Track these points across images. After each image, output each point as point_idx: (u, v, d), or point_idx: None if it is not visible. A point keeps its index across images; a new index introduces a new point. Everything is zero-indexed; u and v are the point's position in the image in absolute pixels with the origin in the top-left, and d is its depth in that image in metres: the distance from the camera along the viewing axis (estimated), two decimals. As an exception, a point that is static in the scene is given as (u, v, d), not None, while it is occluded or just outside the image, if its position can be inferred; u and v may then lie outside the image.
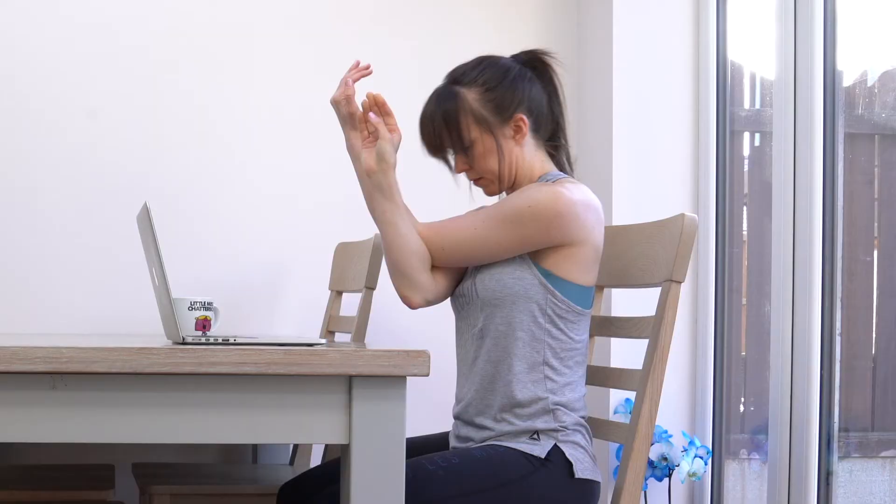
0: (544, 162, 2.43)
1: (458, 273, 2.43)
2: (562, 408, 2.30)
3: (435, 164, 2.46)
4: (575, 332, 2.34)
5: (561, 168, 2.45)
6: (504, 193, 2.47)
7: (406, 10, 3.56)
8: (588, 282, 2.34)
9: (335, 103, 2.41)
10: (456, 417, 2.42)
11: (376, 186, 2.32)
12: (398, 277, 2.36)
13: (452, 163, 2.44)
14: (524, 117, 2.38)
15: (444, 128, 2.38)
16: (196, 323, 2.36)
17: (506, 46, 2.52)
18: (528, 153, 2.41)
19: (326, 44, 3.50)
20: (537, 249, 2.31)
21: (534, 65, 2.45)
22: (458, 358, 2.44)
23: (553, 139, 2.46)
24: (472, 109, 2.37)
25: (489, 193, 2.46)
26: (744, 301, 3.28)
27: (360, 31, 3.53)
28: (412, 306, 2.38)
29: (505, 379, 2.31)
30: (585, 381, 2.40)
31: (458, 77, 2.41)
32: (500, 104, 2.37)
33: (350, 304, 3.26)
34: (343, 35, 3.51)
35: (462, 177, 2.47)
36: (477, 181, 2.44)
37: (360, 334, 3.03)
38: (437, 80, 2.49)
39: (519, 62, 2.44)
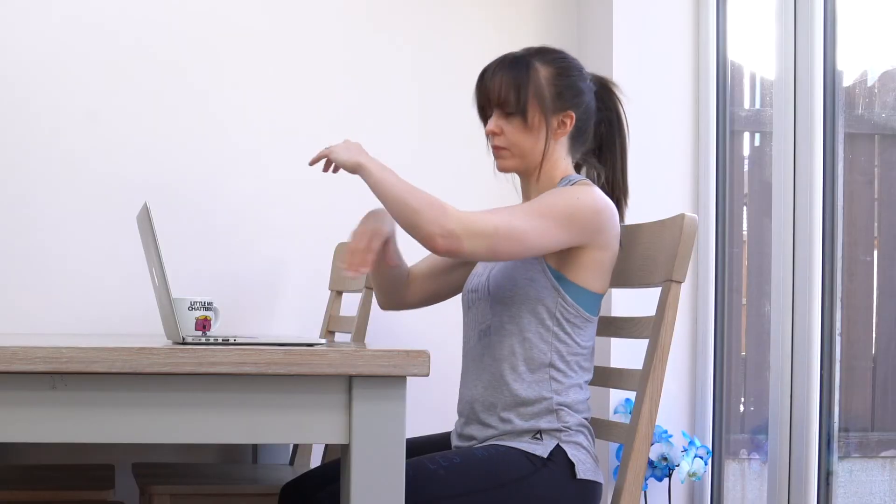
0: (568, 166, 2.43)
1: (430, 287, 2.54)
2: (565, 408, 2.31)
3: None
4: (581, 338, 2.34)
5: None
6: (519, 183, 2.46)
7: (406, 9, 3.56)
8: (600, 289, 2.35)
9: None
10: (460, 414, 2.42)
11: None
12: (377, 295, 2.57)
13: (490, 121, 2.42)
14: (573, 116, 2.39)
15: (510, 85, 2.36)
16: (196, 323, 2.36)
17: (506, 46, 2.52)
18: (558, 152, 2.41)
19: (326, 44, 3.50)
20: (568, 247, 2.30)
21: (601, 87, 2.48)
22: (464, 354, 2.44)
23: (584, 155, 2.46)
24: (538, 84, 2.37)
25: (502, 167, 2.42)
26: (744, 301, 3.28)
27: (360, 31, 3.53)
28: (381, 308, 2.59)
29: (510, 377, 2.31)
30: (589, 385, 2.41)
31: (535, 52, 2.42)
32: (562, 93, 2.38)
33: (350, 304, 3.26)
34: (343, 35, 3.51)
35: (506, 184, 2.50)
36: (499, 149, 2.41)
37: (360, 334, 3.03)
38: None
39: (590, 76, 2.47)
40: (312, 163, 2.38)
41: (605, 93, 2.49)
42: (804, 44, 2.87)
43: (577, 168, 2.47)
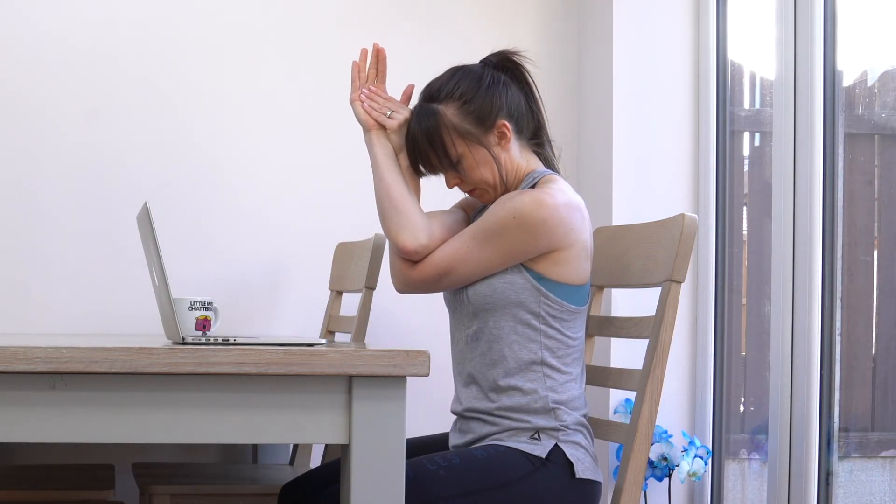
0: (529, 160, 2.43)
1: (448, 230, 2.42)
2: (562, 406, 2.30)
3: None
4: (571, 331, 2.34)
5: (547, 163, 2.45)
6: None
7: (404, 10, 3.56)
8: (580, 280, 2.34)
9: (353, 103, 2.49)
10: (455, 414, 2.42)
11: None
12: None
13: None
14: (506, 123, 2.38)
15: (429, 147, 2.38)
16: (196, 323, 2.36)
17: (506, 47, 2.52)
18: (514, 155, 2.41)
19: (325, 44, 3.50)
20: (527, 258, 2.30)
21: (505, 66, 2.44)
22: (453, 355, 2.44)
23: (535, 137, 2.46)
24: (454, 125, 2.36)
25: (486, 202, 2.45)
26: (744, 301, 3.28)
27: (360, 32, 3.52)
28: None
29: (503, 380, 2.31)
30: (585, 378, 2.41)
31: (433, 94, 2.41)
32: (480, 114, 2.37)
33: (350, 304, 3.26)
34: (342, 35, 3.51)
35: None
36: (472, 192, 2.44)
37: (360, 334, 3.03)
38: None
39: (490, 66, 2.43)
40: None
41: (512, 67, 2.44)
42: (804, 44, 2.87)
43: (539, 155, 2.46)
